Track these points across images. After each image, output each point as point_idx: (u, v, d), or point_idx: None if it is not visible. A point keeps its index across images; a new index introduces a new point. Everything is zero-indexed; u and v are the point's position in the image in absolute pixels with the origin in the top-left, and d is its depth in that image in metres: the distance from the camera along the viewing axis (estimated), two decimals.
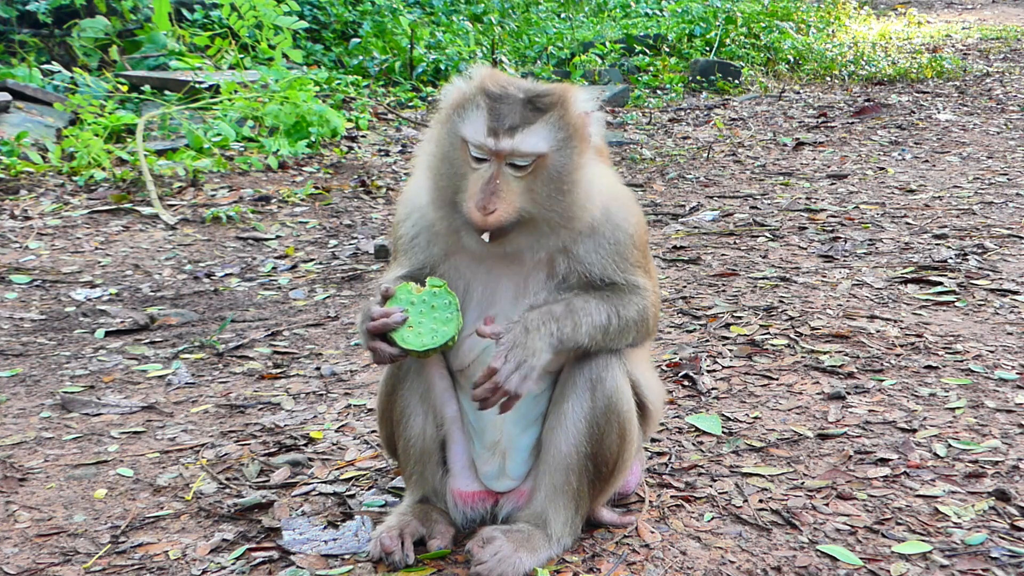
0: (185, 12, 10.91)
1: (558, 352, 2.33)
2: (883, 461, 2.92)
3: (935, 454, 2.95)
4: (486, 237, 2.26)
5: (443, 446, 2.60)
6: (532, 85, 2.36)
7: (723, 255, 5.23)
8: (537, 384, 2.33)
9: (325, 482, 2.97)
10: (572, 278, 2.41)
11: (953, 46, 14.13)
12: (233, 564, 2.53)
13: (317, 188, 6.94)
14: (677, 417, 3.31)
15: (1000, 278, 4.57)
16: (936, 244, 5.20)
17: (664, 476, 2.91)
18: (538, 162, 2.27)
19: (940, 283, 4.50)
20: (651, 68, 11.74)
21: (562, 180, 2.29)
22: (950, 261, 4.83)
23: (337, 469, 3.06)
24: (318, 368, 3.95)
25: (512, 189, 2.26)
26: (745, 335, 4.01)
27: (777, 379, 3.58)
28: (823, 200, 6.38)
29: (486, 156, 2.27)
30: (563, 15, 15.03)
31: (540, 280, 2.41)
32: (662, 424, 3.23)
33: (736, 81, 11.29)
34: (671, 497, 2.78)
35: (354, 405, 3.56)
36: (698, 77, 11.32)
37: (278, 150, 7.48)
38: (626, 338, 2.43)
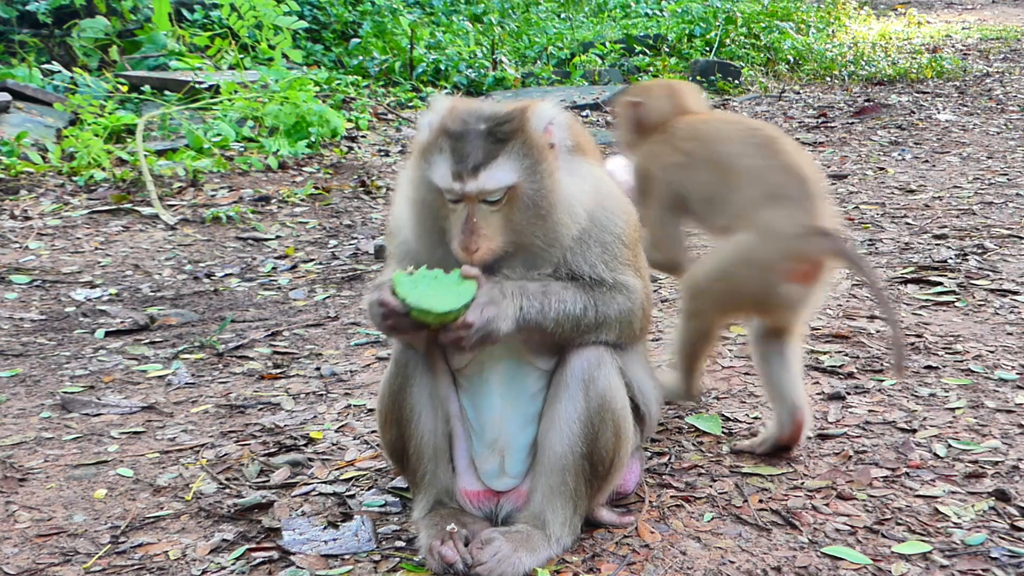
0: (185, 12, 10.91)
1: (521, 329, 2.32)
2: (883, 461, 2.92)
3: (935, 454, 2.95)
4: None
5: (450, 444, 2.61)
6: (493, 111, 2.35)
7: None
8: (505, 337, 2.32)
9: (325, 482, 2.97)
10: (562, 274, 2.43)
11: (953, 46, 14.13)
12: (233, 564, 2.53)
13: (317, 188, 6.95)
14: (677, 417, 3.31)
15: (1000, 278, 4.57)
16: (936, 244, 5.20)
17: (664, 476, 2.91)
18: (510, 193, 2.30)
19: (940, 283, 4.50)
20: (651, 68, 11.74)
21: (539, 205, 2.32)
22: (950, 261, 4.83)
23: (337, 469, 3.06)
24: (318, 368, 3.96)
25: (491, 224, 2.30)
26: (745, 335, 4.00)
27: None
28: None
29: (458, 198, 2.30)
30: (563, 15, 15.03)
31: None
32: (662, 424, 3.23)
33: (736, 81, 11.29)
34: (671, 497, 2.78)
35: (354, 405, 3.56)
36: (698, 77, 11.31)
37: (278, 150, 7.47)
38: (604, 334, 2.43)
